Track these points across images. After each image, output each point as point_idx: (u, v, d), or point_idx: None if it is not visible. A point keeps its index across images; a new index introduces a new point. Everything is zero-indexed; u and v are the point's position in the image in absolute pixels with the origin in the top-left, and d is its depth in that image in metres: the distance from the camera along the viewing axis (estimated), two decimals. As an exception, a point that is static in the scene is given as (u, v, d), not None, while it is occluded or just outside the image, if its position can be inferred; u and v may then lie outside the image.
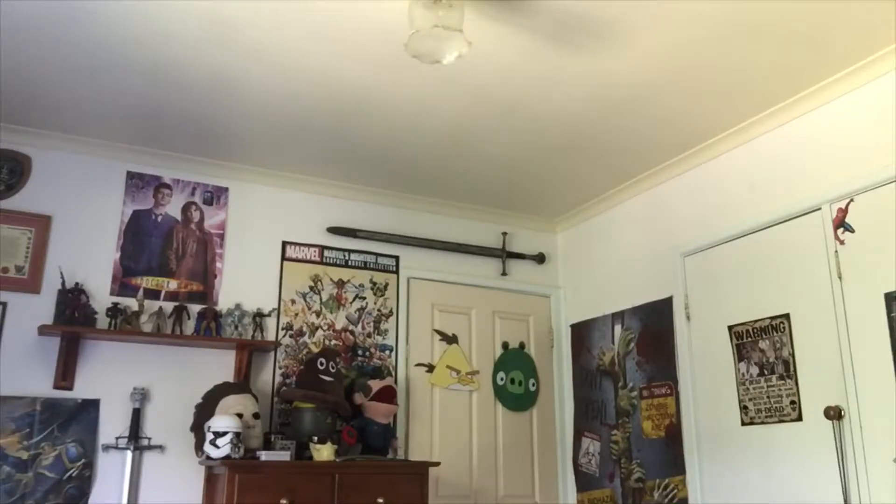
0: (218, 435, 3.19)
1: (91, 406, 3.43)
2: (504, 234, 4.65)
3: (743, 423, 3.33)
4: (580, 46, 2.82)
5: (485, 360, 4.45)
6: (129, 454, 3.43)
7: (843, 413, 2.88)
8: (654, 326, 3.94)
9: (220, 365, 3.69)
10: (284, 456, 3.28)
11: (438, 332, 4.35)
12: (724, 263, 3.56)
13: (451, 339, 4.38)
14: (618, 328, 4.19)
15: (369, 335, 4.14)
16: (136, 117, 3.44)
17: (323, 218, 4.18)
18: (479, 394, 4.36)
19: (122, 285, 3.63)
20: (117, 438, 3.44)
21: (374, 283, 4.24)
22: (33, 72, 3.03)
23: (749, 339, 3.36)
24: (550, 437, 4.50)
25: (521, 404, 4.47)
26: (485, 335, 4.50)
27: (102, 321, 3.49)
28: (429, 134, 3.58)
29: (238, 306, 3.81)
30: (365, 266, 4.23)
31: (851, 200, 2.97)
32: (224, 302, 3.82)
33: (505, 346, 4.53)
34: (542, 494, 4.37)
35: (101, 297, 3.56)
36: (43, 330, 3.33)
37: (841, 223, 3.00)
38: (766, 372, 3.26)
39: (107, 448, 3.42)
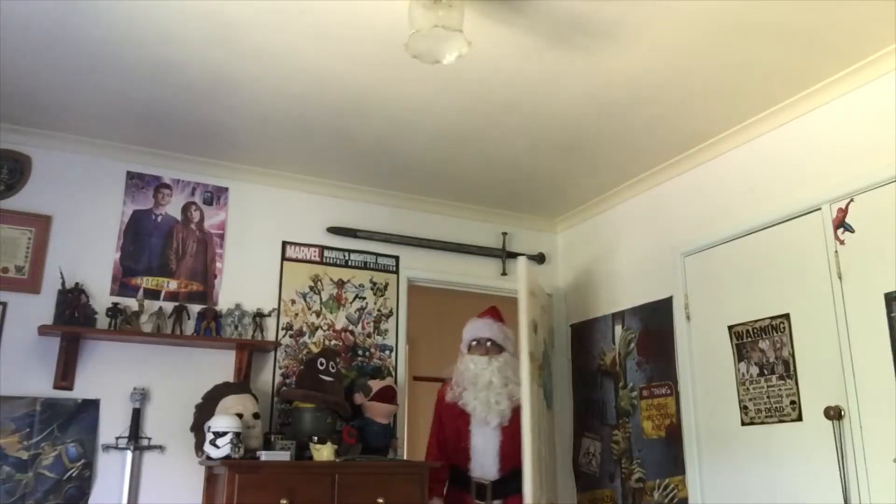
0: (218, 435, 3.19)
1: (91, 406, 3.43)
2: (504, 234, 4.65)
3: (743, 423, 3.33)
4: (580, 46, 2.82)
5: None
6: (129, 454, 3.43)
7: (843, 413, 2.88)
8: (654, 326, 3.93)
9: (220, 365, 3.69)
10: (284, 456, 3.28)
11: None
12: (724, 263, 3.56)
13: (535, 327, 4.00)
14: (618, 328, 4.19)
15: (369, 335, 4.14)
16: (136, 117, 3.44)
17: (323, 218, 4.18)
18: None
19: (122, 285, 3.63)
20: (117, 438, 3.44)
21: (374, 284, 4.24)
22: (33, 72, 3.03)
23: (749, 339, 3.36)
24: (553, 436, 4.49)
25: (550, 401, 4.32)
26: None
27: (102, 321, 3.49)
28: (429, 134, 3.58)
29: (238, 306, 3.81)
30: (365, 266, 4.23)
31: (851, 200, 2.97)
32: (224, 302, 3.82)
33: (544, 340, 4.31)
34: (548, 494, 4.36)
35: (101, 297, 3.56)
36: (43, 330, 3.33)
37: (841, 223, 3.00)
38: (766, 372, 3.26)
39: (107, 448, 3.42)
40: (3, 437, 3.23)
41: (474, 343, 3.68)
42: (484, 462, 3.52)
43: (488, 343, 3.64)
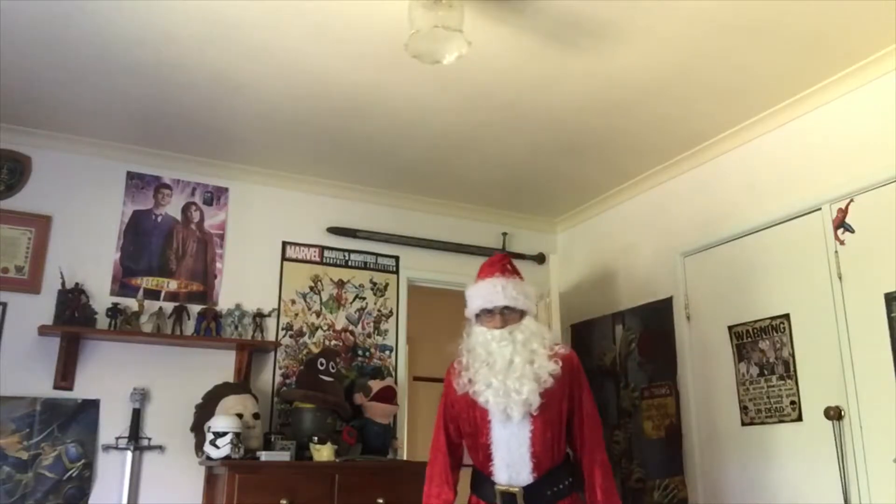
0: (218, 435, 3.19)
1: (91, 406, 3.43)
2: (504, 234, 4.65)
3: (743, 424, 3.33)
4: (580, 46, 2.81)
5: None
6: (129, 454, 3.42)
7: (843, 413, 2.88)
8: (654, 327, 3.93)
9: (220, 365, 3.69)
10: (284, 456, 3.28)
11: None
12: (724, 263, 3.55)
13: None
14: (619, 328, 4.19)
15: (369, 335, 4.14)
16: (136, 117, 3.44)
17: (323, 218, 4.18)
18: None
19: (122, 285, 3.63)
20: (117, 438, 3.44)
21: (374, 284, 4.23)
22: (33, 72, 3.03)
23: (749, 339, 3.36)
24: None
25: None
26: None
27: (102, 321, 3.49)
28: (429, 134, 3.58)
29: (238, 306, 3.81)
30: (365, 266, 4.23)
31: (851, 200, 2.97)
32: (224, 302, 3.81)
33: None
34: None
35: (101, 297, 3.55)
36: (43, 330, 3.33)
37: (841, 223, 3.00)
38: (766, 372, 3.26)
39: (107, 448, 3.42)
40: (3, 437, 3.23)
41: (484, 311, 2.64)
42: (510, 462, 2.53)
43: (504, 310, 2.60)
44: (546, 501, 2.51)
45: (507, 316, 2.61)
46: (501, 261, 2.75)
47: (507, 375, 2.52)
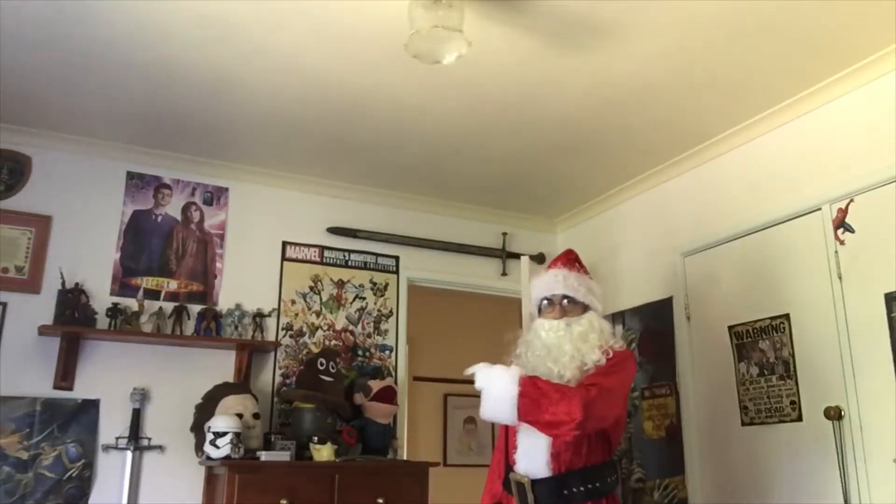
0: (218, 435, 3.19)
1: (91, 406, 3.43)
2: (504, 234, 4.65)
3: (743, 424, 3.33)
4: (580, 46, 2.82)
5: None
6: (129, 454, 3.42)
7: (843, 413, 2.88)
8: (655, 326, 3.93)
9: (220, 365, 3.69)
10: (284, 456, 3.28)
11: None
12: (724, 263, 3.55)
13: None
14: (619, 328, 4.19)
15: (369, 335, 4.14)
16: (136, 117, 3.44)
17: (323, 218, 4.18)
18: None
19: (122, 285, 3.63)
20: (117, 438, 3.44)
21: (374, 284, 4.23)
22: (33, 72, 3.03)
23: (749, 339, 3.36)
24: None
25: None
26: None
27: (102, 321, 3.49)
28: (429, 134, 3.58)
29: (238, 306, 3.81)
30: (365, 266, 4.23)
31: (851, 200, 2.97)
32: (224, 302, 3.81)
33: None
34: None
35: (101, 297, 3.55)
36: (43, 330, 3.33)
37: (841, 223, 3.00)
38: (766, 372, 3.26)
39: (107, 448, 3.42)
40: (3, 437, 3.23)
41: (545, 303, 2.63)
42: (530, 451, 2.42)
43: (564, 301, 2.59)
44: (560, 501, 2.37)
45: (567, 308, 2.59)
46: (568, 255, 2.78)
47: (556, 362, 2.47)
